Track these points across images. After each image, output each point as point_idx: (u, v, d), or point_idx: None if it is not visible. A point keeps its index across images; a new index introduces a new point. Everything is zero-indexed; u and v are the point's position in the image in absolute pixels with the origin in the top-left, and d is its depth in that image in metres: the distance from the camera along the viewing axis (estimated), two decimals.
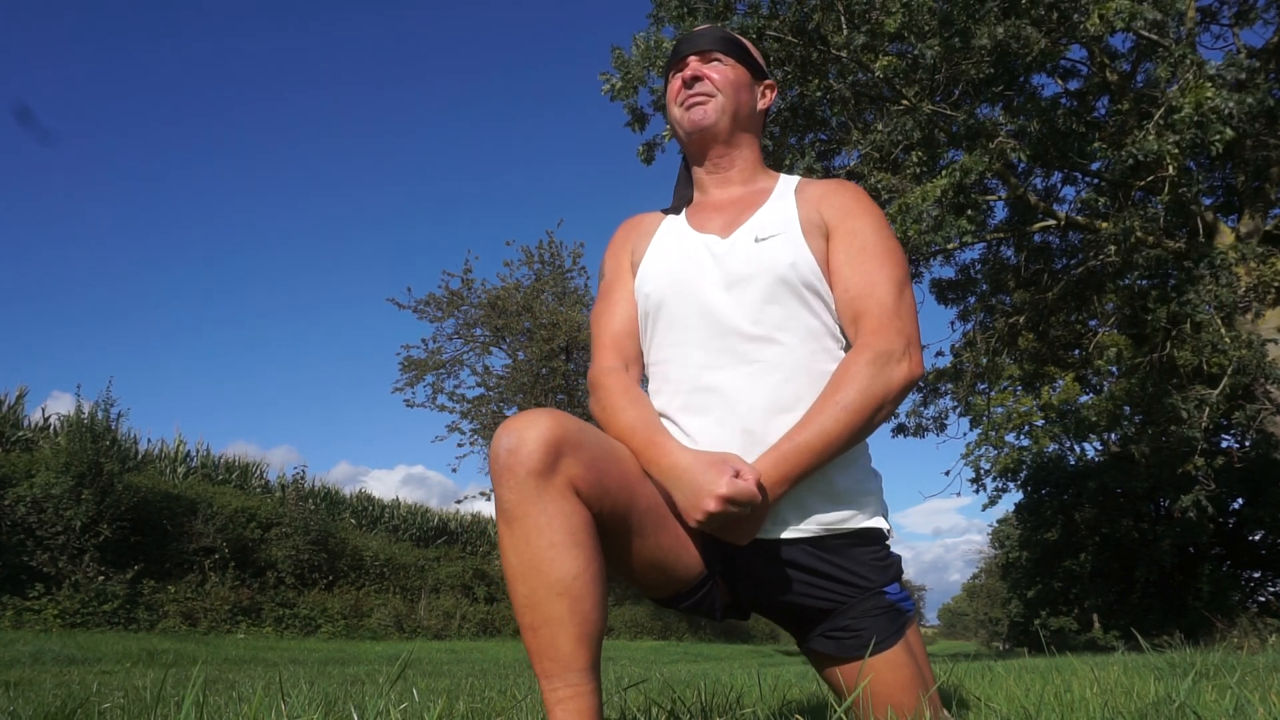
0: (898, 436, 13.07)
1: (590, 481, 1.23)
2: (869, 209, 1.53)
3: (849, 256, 1.48)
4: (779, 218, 1.55)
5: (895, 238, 1.54)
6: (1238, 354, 8.66)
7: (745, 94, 1.65)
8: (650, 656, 9.96)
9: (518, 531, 1.19)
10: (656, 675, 3.01)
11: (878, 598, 1.45)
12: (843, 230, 1.51)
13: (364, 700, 2.06)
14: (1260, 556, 20.92)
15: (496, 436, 1.24)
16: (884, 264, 1.47)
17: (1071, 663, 3.49)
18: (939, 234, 8.59)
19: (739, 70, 1.65)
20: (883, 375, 1.37)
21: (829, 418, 1.34)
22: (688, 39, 1.68)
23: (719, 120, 1.61)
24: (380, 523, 18.72)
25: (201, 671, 4.10)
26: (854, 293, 1.45)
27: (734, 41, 1.67)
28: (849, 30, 8.94)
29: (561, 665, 1.19)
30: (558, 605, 1.18)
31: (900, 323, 1.42)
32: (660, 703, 1.99)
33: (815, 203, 1.56)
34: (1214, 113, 7.45)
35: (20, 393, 13.38)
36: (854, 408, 1.35)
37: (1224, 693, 1.69)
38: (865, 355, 1.38)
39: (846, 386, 1.36)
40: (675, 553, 1.41)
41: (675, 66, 1.67)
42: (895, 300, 1.44)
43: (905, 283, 1.47)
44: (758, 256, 1.49)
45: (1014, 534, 28.63)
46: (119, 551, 10.87)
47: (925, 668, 1.51)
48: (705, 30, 1.69)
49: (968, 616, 68.05)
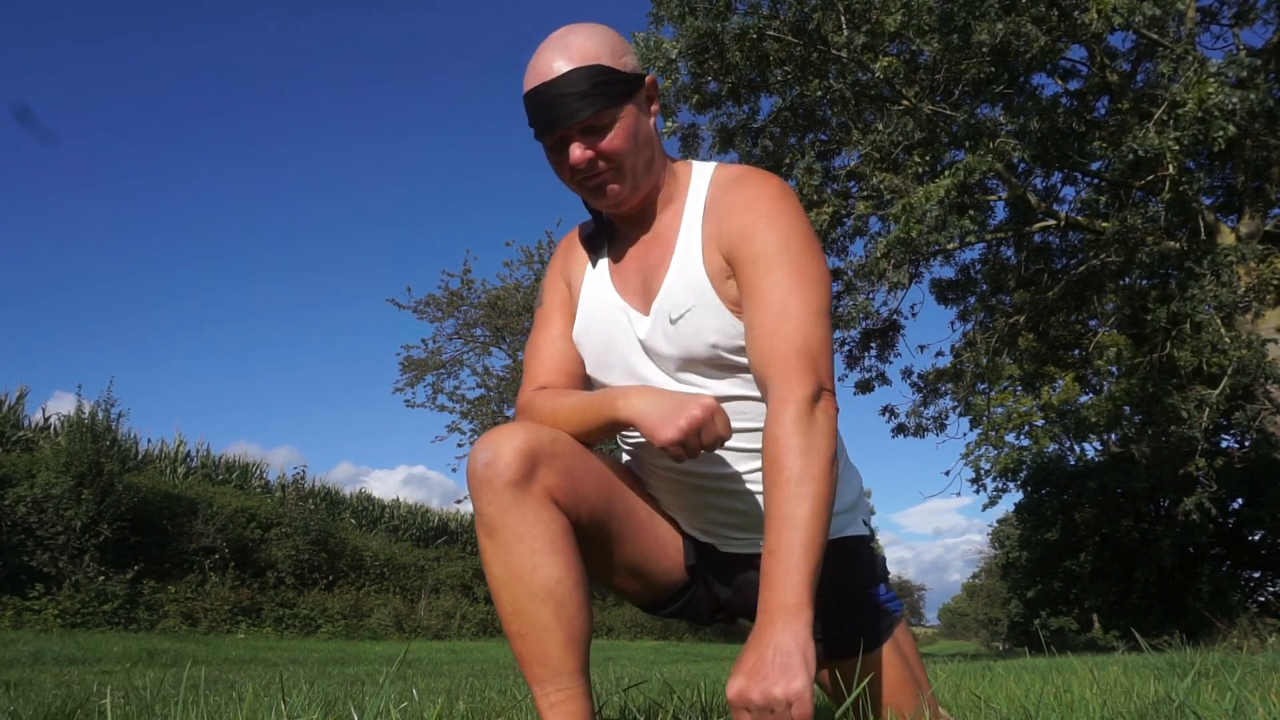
0: (898, 436, 13.06)
1: (566, 490, 1.25)
2: (773, 221, 1.32)
3: (751, 291, 1.30)
4: (689, 280, 1.36)
5: (810, 248, 1.32)
6: (1238, 354, 8.66)
7: (643, 131, 1.37)
8: (650, 656, 9.97)
9: (499, 542, 1.22)
10: (656, 675, 3.01)
11: (863, 598, 1.45)
12: (743, 260, 1.32)
13: (364, 700, 2.06)
14: (1260, 556, 20.92)
15: (473, 452, 1.26)
16: (792, 291, 1.27)
17: (1071, 663, 3.49)
18: (941, 234, 8.60)
19: (624, 111, 1.33)
20: (813, 429, 1.20)
21: (796, 502, 1.16)
22: (548, 101, 1.30)
23: (634, 193, 1.38)
24: (380, 523, 18.72)
25: (191, 675, 4.09)
26: (758, 330, 1.27)
27: (601, 81, 1.30)
28: (849, 30, 8.95)
29: (552, 670, 1.21)
30: (543, 611, 1.20)
31: (811, 361, 1.24)
32: (660, 703, 1.99)
33: (718, 235, 1.36)
34: (1217, 109, 7.46)
35: (20, 393, 13.39)
36: (811, 476, 1.17)
37: (1224, 693, 1.69)
38: (787, 415, 1.20)
39: (787, 460, 1.18)
40: (655, 558, 1.43)
41: (549, 142, 1.35)
42: (805, 335, 1.25)
43: (818, 311, 1.28)
44: (678, 339, 1.36)
45: (1014, 534, 28.62)
46: (119, 551, 10.87)
47: (918, 668, 1.50)
48: (567, 80, 1.29)
49: (968, 616, 68.05)
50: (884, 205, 9.47)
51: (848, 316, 10.06)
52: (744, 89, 10.27)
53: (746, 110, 10.73)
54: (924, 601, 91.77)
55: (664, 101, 10.32)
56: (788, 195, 1.37)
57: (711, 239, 1.37)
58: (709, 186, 1.42)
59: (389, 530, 18.62)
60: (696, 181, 1.45)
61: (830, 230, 10.15)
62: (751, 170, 1.42)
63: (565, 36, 1.33)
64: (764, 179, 1.39)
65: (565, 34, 1.33)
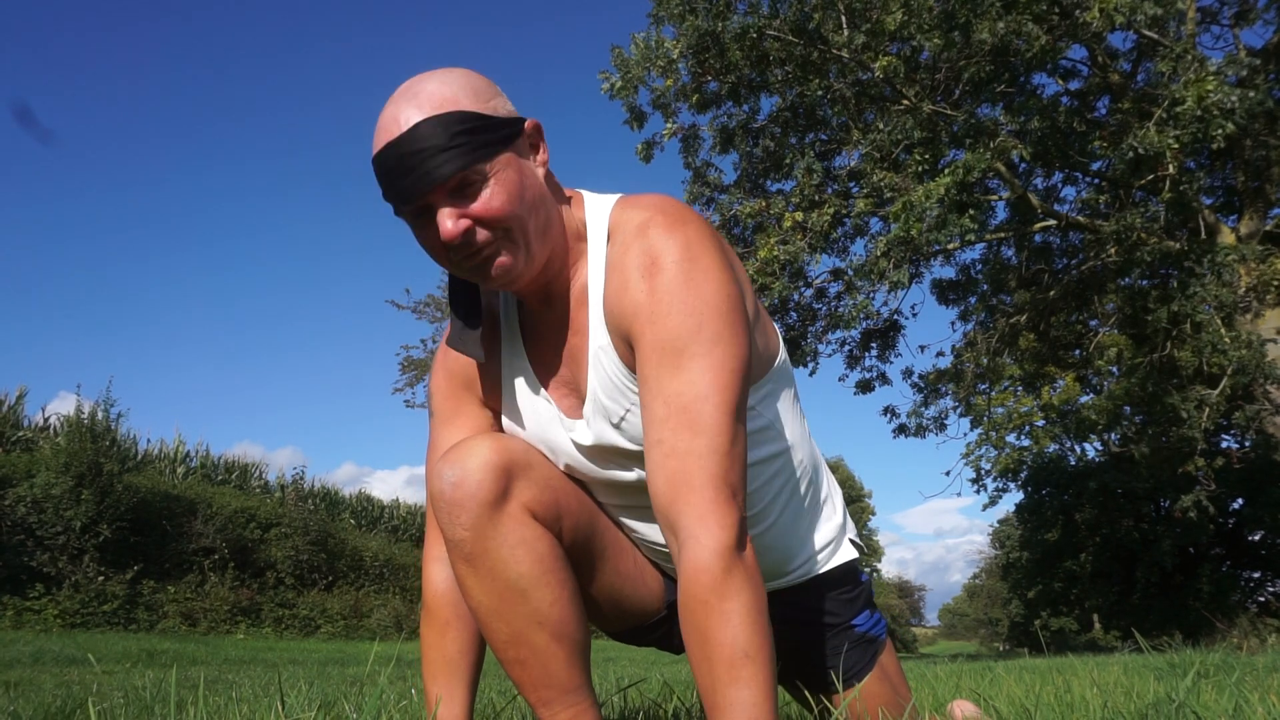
0: (898, 437, 13.06)
1: (548, 503, 1.14)
2: (682, 296, 1.04)
3: (655, 389, 1.04)
4: (613, 382, 1.15)
5: (730, 321, 1.05)
6: (1238, 354, 8.66)
7: (530, 184, 1.08)
8: (650, 657, 9.98)
9: (481, 570, 1.09)
10: (656, 675, 3.01)
11: (848, 632, 1.40)
12: (645, 347, 1.05)
13: (362, 701, 2.06)
14: (1260, 557, 20.92)
15: (436, 470, 1.10)
16: (707, 395, 1.02)
17: (1071, 663, 3.48)
18: (941, 233, 8.60)
19: (499, 162, 1.05)
20: (747, 584, 0.99)
21: (739, 686, 0.96)
22: (399, 162, 1.02)
23: (529, 265, 1.09)
24: (380, 523, 18.73)
25: (190, 675, 4.09)
26: (665, 446, 1.02)
27: (463, 130, 1.02)
28: (849, 30, 8.96)
29: (559, 690, 1.13)
30: (541, 636, 1.11)
31: (731, 490, 1.01)
32: (660, 703, 1.98)
33: (615, 312, 1.10)
34: (1216, 107, 7.47)
35: (20, 393, 13.38)
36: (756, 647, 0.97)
37: (1224, 693, 1.69)
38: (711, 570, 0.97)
39: (722, 631, 0.97)
40: (634, 583, 1.31)
41: (410, 213, 1.07)
42: (721, 455, 1.01)
43: (735, 412, 1.03)
44: (627, 437, 1.16)
45: (1014, 534, 28.63)
46: (119, 552, 10.87)
47: (901, 687, 1.48)
48: (417, 134, 1.02)
49: (968, 617, 68.02)
50: (884, 204, 9.47)
51: (848, 316, 10.06)
52: (744, 89, 10.28)
53: (746, 110, 10.74)
54: (924, 602, 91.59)
55: (664, 102, 10.32)
56: (702, 249, 1.06)
57: (613, 323, 1.11)
58: (606, 242, 1.15)
59: (389, 530, 18.63)
60: (594, 234, 1.16)
61: (830, 230, 10.15)
62: (653, 215, 1.10)
63: (415, 85, 1.05)
64: (668, 228, 1.07)
65: (415, 82, 1.06)
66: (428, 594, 1.26)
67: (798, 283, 10.49)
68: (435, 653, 1.25)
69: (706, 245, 1.08)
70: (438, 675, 1.24)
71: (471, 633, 1.25)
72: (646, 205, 1.13)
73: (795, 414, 1.33)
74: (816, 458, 1.40)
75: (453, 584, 1.24)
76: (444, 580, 1.25)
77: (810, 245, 9.83)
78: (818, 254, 10.21)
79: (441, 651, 1.24)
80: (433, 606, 1.26)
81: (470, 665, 1.26)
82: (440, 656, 1.24)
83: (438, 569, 1.26)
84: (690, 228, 1.08)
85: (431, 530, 1.27)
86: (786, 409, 1.31)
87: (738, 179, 11.20)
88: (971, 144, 8.75)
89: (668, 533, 1.03)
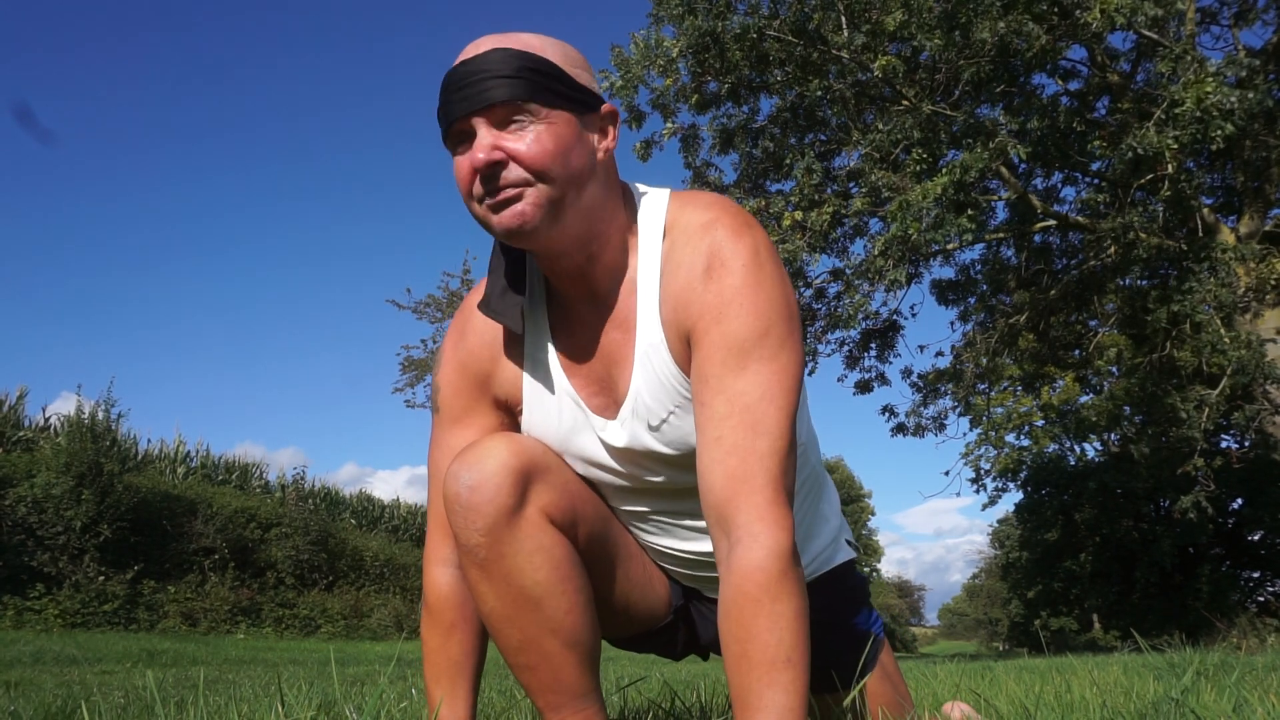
0: (897, 436, 13.08)
1: (564, 508, 1.12)
2: (750, 297, 1.03)
3: (717, 387, 1.02)
4: (660, 380, 1.12)
5: (793, 328, 1.05)
6: (1237, 354, 8.67)
7: (583, 156, 1.05)
8: (650, 656, 9.95)
9: (495, 575, 1.07)
10: (656, 675, 3.01)
11: (846, 631, 1.40)
12: (709, 346, 1.04)
13: (363, 701, 2.06)
14: (1260, 556, 20.92)
15: (451, 471, 1.08)
16: (771, 397, 1.01)
17: (1071, 663, 3.49)
18: (939, 233, 8.60)
19: (559, 116, 1.03)
20: (795, 591, 0.98)
21: (778, 690, 0.95)
22: (460, 79, 1.02)
23: (550, 229, 1.04)
24: (380, 523, 18.73)
25: (165, 675, 4.09)
26: (725, 442, 1.00)
27: (535, 69, 1.02)
28: (849, 30, 8.96)
29: (568, 695, 1.12)
30: (553, 643, 1.09)
31: (788, 495, 1.01)
32: (660, 703, 1.99)
33: (677, 310, 1.08)
34: (1215, 108, 7.48)
35: (20, 393, 13.39)
36: (798, 656, 0.97)
37: (1223, 692, 1.69)
38: (764, 571, 0.96)
39: (767, 633, 0.96)
40: (642, 589, 1.30)
41: (452, 134, 1.04)
42: (780, 459, 1.00)
43: (792, 417, 1.03)
44: (662, 441, 1.14)
45: (1014, 534, 28.63)
46: (119, 552, 10.86)
47: (900, 685, 1.48)
48: (487, 59, 1.01)
49: (968, 617, 68.03)
50: (881, 203, 9.47)
51: (847, 316, 10.07)
52: (744, 89, 10.28)
53: (746, 110, 10.74)
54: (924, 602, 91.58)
55: (664, 101, 10.33)
56: (767, 255, 1.07)
57: (671, 318, 1.09)
58: (663, 236, 1.12)
59: (389, 530, 18.63)
60: (646, 227, 1.13)
61: (830, 230, 10.15)
62: (719, 216, 1.09)
63: (512, 32, 1.07)
64: (736, 231, 1.07)
65: (512, 32, 1.07)
66: (431, 595, 1.24)
67: (797, 283, 10.50)
68: (439, 655, 1.23)
69: (772, 252, 1.09)
70: (441, 678, 1.23)
71: (476, 635, 1.24)
72: (709, 205, 1.12)
73: (806, 417, 1.35)
74: (818, 460, 1.41)
75: (457, 586, 1.22)
76: (448, 582, 1.23)
77: (810, 245, 9.84)
78: (817, 254, 10.22)
79: (446, 654, 1.23)
80: (436, 608, 1.23)
81: (474, 668, 1.24)
82: (444, 659, 1.23)
83: (441, 570, 1.24)
84: (757, 232, 1.09)
85: (434, 531, 1.24)
86: (802, 412, 1.32)
87: (737, 179, 11.21)
88: (970, 144, 8.76)
89: (717, 529, 1.01)
